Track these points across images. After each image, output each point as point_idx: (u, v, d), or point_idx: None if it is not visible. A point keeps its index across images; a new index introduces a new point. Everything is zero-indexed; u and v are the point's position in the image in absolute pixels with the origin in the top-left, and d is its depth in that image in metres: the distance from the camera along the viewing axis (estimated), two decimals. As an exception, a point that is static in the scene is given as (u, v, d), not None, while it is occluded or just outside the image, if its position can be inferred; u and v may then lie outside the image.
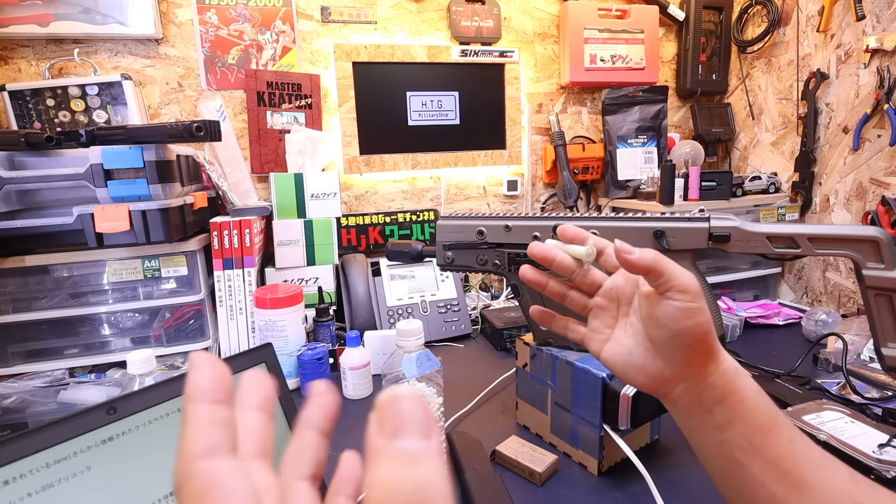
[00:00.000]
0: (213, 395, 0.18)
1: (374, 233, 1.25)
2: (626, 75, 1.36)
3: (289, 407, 0.44)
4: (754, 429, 0.33)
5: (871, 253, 0.51)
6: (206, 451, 0.17)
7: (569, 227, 0.41)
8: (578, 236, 0.41)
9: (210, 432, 0.17)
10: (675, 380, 0.35)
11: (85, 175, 0.77)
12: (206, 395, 0.18)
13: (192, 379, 0.18)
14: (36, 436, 0.31)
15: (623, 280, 0.39)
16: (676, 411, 0.37)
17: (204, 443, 0.17)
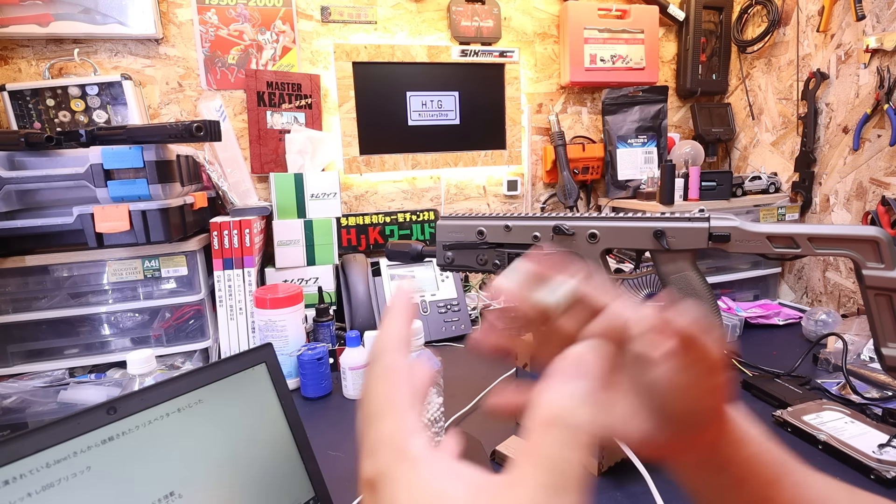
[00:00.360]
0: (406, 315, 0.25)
1: (374, 233, 1.25)
2: (626, 75, 1.36)
3: (289, 407, 0.44)
4: (763, 483, 0.30)
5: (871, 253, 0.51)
6: (398, 347, 0.23)
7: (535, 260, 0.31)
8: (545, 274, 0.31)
9: (403, 336, 0.24)
10: (682, 448, 0.30)
11: (85, 175, 0.77)
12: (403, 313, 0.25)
13: (395, 300, 0.25)
14: (36, 436, 0.31)
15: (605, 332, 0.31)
16: (681, 474, 0.32)
17: (397, 341, 0.23)
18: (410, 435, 0.20)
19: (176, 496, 0.35)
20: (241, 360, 0.43)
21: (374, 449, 0.20)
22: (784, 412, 0.68)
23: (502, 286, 0.31)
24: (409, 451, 0.19)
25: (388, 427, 0.20)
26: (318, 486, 0.44)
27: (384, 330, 0.24)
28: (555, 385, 0.19)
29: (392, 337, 0.24)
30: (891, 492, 0.54)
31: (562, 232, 0.65)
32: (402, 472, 0.19)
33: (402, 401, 0.21)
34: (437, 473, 0.19)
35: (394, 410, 0.21)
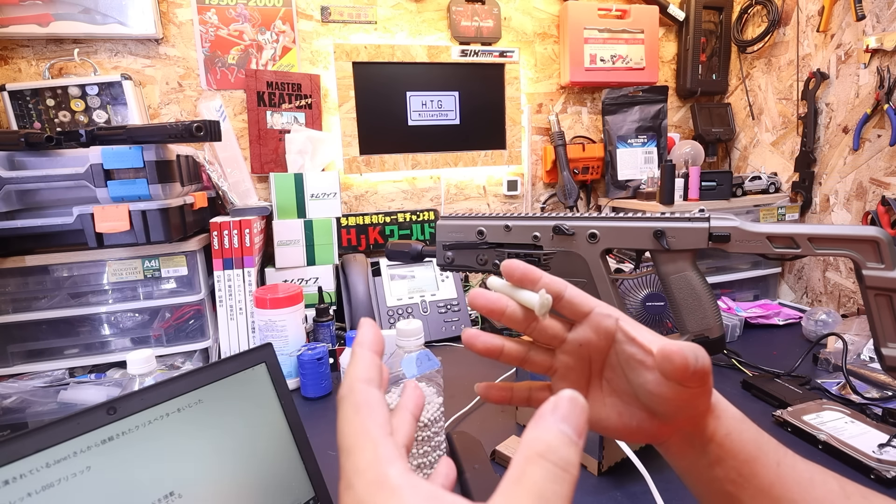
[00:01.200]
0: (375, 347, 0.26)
1: (374, 233, 1.25)
2: (626, 75, 1.36)
3: (289, 407, 0.44)
4: (743, 460, 0.31)
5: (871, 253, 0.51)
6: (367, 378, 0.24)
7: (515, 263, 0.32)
8: (527, 275, 0.32)
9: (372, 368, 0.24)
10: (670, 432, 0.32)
11: (85, 175, 0.77)
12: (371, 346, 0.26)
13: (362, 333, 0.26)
14: (36, 436, 0.31)
15: (594, 335, 0.32)
16: (668, 455, 0.34)
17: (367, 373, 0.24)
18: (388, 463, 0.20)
19: (176, 496, 0.35)
20: (241, 360, 0.43)
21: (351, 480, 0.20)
22: (784, 412, 0.68)
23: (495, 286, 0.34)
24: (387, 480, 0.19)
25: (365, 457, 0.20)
26: (318, 486, 0.44)
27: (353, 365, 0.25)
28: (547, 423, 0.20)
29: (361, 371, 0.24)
30: (891, 491, 0.53)
31: (562, 232, 0.65)
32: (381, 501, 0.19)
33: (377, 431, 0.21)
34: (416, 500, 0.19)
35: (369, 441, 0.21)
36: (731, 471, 0.31)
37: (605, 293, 0.65)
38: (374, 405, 0.23)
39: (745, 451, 0.31)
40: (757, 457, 0.31)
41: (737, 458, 0.31)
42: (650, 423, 0.32)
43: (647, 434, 0.33)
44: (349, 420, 0.22)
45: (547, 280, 0.32)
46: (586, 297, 0.33)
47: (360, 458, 0.20)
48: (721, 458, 0.31)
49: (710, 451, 0.32)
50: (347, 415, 0.22)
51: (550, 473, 0.19)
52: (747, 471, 0.31)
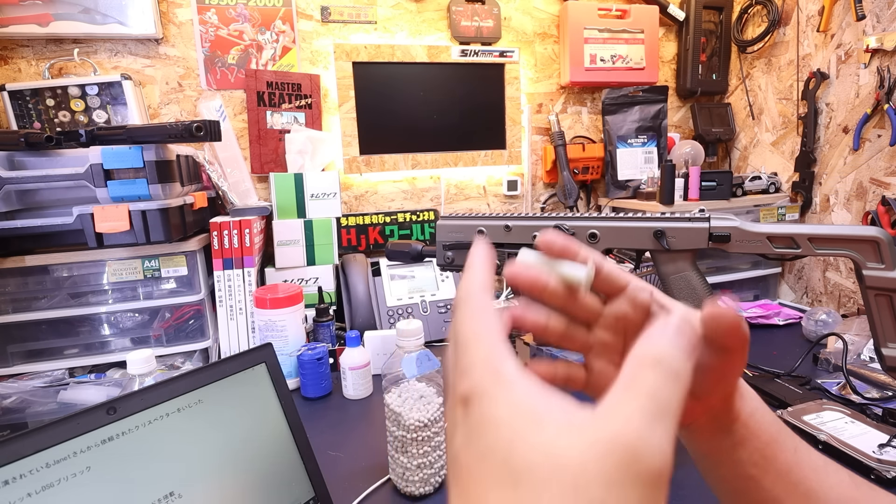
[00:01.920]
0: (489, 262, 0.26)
1: (374, 233, 1.25)
2: (626, 75, 1.36)
3: (289, 407, 0.44)
4: (765, 441, 0.31)
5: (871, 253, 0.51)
6: (484, 286, 0.24)
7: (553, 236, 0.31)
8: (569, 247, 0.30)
9: (488, 278, 0.25)
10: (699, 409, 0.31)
11: (85, 175, 0.77)
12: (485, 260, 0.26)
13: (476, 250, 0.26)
14: (36, 436, 0.31)
15: (630, 308, 0.31)
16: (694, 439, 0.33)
17: (484, 282, 0.24)
18: (504, 359, 0.20)
19: (176, 496, 0.35)
20: (241, 360, 0.43)
21: (468, 369, 0.20)
22: (784, 412, 0.68)
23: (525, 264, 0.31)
24: (503, 372, 0.20)
25: (482, 351, 0.21)
26: (318, 486, 0.44)
27: (469, 276, 0.25)
28: (660, 334, 0.21)
29: (477, 281, 0.25)
30: (891, 491, 0.53)
31: (562, 232, 0.65)
32: (497, 390, 0.19)
33: (494, 332, 0.22)
34: (531, 393, 0.19)
35: (486, 338, 0.21)
36: (754, 452, 0.31)
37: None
38: (491, 311, 0.23)
39: (767, 432, 0.31)
40: (777, 439, 0.32)
41: (760, 438, 0.31)
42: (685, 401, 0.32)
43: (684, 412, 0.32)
44: (466, 321, 0.22)
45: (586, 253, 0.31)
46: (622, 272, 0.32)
47: (477, 351, 0.21)
48: (745, 439, 0.31)
49: (736, 432, 0.31)
50: (465, 316, 0.23)
51: (664, 377, 0.19)
52: (769, 453, 0.31)
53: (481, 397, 0.19)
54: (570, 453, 0.17)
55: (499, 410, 0.18)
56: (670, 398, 0.19)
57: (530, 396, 0.19)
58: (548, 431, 0.18)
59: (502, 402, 0.19)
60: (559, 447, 0.17)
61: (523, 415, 0.18)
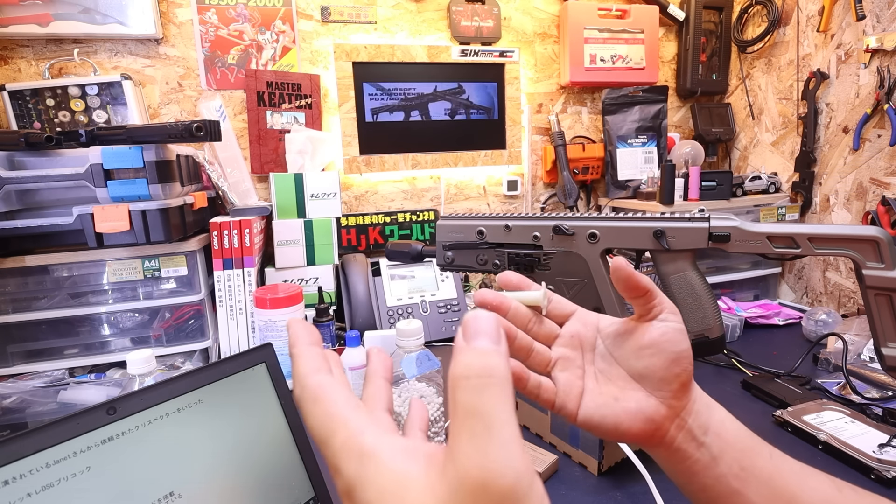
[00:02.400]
0: (310, 340, 0.26)
1: (374, 233, 1.25)
2: (626, 75, 1.36)
3: (289, 407, 0.44)
4: (740, 451, 0.32)
5: (871, 253, 0.51)
6: (314, 370, 0.23)
7: (509, 274, 0.38)
8: (522, 283, 0.37)
9: (315, 359, 0.24)
10: (670, 416, 0.33)
11: (85, 175, 0.77)
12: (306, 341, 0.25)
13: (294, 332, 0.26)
14: (36, 436, 0.31)
15: (581, 326, 0.37)
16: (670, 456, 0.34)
17: (312, 365, 0.24)
18: (361, 434, 0.21)
19: (176, 496, 0.35)
20: (240, 360, 0.43)
21: (336, 465, 0.21)
22: (784, 412, 0.68)
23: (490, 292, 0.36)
24: (364, 450, 0.20)
25: (339, 438, 0.21)
26: (318, 486, 0.44)
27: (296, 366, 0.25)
28: (458, 350, 0.21)
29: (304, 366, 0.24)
30: (891, 492, 0.53)
31: (562, 232, 0.65)
32: (365, 472, 0.20)
33: (342, 409, 0.22)
34: (393, 461, 0.20)
35: (338, 422, 0.21)
36: (733, 464, 0.32)
37: (605, 293, 0.65)
38: (329, 389, 0.23)
39: (741, 441, 0.32)
40: (752, 447, 0.32)
41: (735, 447, 0.32)
42: (647, 403, 0.33)
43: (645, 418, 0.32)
44: (313, 414, 0.22)
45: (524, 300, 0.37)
46: (567, 302, 0.38)
47: (335, 442, 0.21)
48: (723, 451, 0.32)
49: (712, 444, 0.32)
50: (309, 410, 0.22)
51: (472, 389, 0.19)
52: (748, 462, 0.31)
53: (354, 488, 0.20)
54: None
55: (368, 493, 0.19)
56: (487, 404, 0.18)
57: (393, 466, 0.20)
58: (412, 497, 0.19)
59: (369, 485, 0.19)
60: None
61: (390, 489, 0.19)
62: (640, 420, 0.32)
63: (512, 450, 0.18)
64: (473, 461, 0.18)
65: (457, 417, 0.19)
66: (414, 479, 0.19)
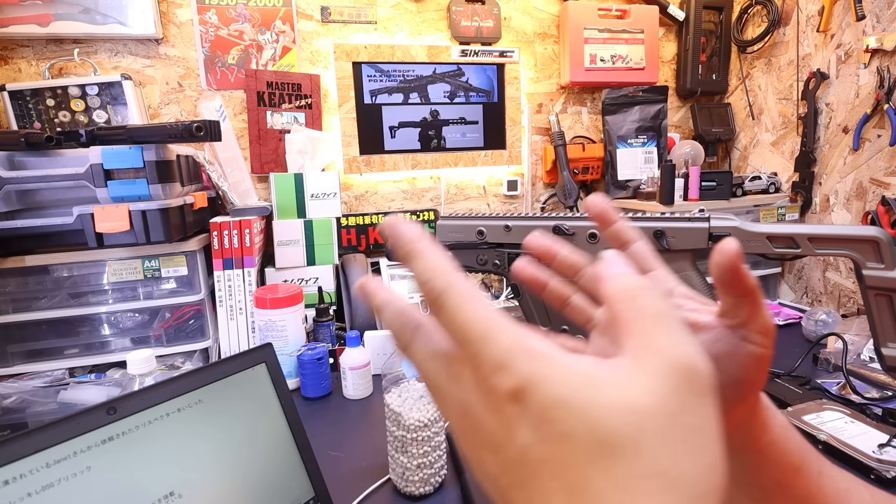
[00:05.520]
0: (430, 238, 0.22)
1: (374, 233, 1.25)
2: (626, 75, 1.36)
3: (289, 407, 0.44)
4: (784, 470, 0.29)
5: (871, 253, 0.51)
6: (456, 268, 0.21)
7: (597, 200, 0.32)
8: (606, 214, 0.32)
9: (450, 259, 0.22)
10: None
11: (85, 175, 0.77)
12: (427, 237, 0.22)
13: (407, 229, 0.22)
14: (36, 436, 0.31)
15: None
16: None
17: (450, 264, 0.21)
18: (530, 337, 0.19)
19: (176, 496, 0.35)
20: (241, 360, 0.43)
21: (504, 362, 0.19)
22: (784, 412, 0.67)
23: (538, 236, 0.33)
24: (541, 352, 0.19)
25: (506, 337, 0.19)
26: (318, 486, 0.44)
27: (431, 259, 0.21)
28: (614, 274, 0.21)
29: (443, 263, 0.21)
30: (891, 491, 0.53)
31: (562, 232, 0.65)
32: (546, 370, 0.18)
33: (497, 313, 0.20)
34: (574, 361, 0.18)
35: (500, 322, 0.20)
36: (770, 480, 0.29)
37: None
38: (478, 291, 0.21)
39: (789, 461, 0.29)
40: (800, 467, 0.30)
41: (778, 467, 0.29)
42: None
43: None
44: (467, 309, 0.20)
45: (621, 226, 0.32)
46: (652, 257, 0.32)
47: (502, 338, 0.19)
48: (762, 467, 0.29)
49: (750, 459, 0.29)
50: (461, 305, 0.20)
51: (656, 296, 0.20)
52: (788, 481, 0.29)
53: (535, 385, 0.18)
54: (643, 400, 0.17)
55: (559, 390, 0.17)
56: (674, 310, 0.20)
57: (576, 365, 0.18)
58: (612, 390, 0.17)
59: (557, 380, 0.18)
60: (631, 399, 0.17)
61: (583, 385, 0.17)
62: None
63: (700, 348, 0.19)
64: (680, 350, 0.18)
65: (645, 319, 0.19)
66: (604, 377, 0.18)
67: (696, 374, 0.18)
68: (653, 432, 0.16)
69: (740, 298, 0.26)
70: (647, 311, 0.19)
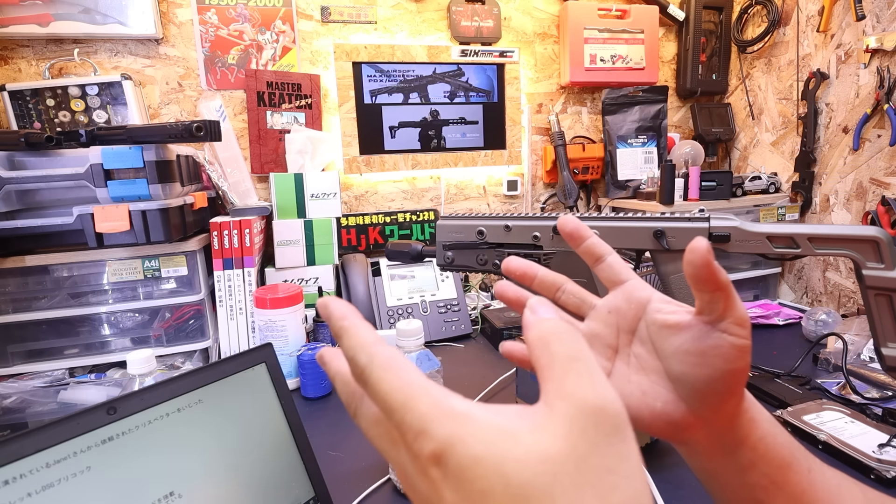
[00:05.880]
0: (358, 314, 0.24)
1: (374, 233, 1.25)
2: (626, 75, 1.36)
3: (289, 407, 0.44)
4: (776, 466, 0.30)
5: (871, 253, 0.51)
6: (378, 340, 0.23)
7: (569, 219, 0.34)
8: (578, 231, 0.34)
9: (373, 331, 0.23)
10: (697, 426, 0.30)
11: (85, 175, 0.77)
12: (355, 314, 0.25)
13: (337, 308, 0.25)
14: (36, 436, 0.31)
15: (624, 302, 0.33)
16: (692, 456, 0.32)
17: (373, 336, 0.23)
18: (447, 396, 0.20)
19: (176, 496, 0.35)
20: (241, 360, 0.43)
21: (423, 428, 0.19)
22: (784, 412, 0.68)
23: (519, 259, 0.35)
24: (457, 411, 0.19)
25: (425, 402, 0.20)
26: (318, 486, 0.44)
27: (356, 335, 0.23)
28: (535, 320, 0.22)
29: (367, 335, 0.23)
30: (891, 491, 0.53)
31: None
32: (462, 430, 0.19)
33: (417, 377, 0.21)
34: (489, 416, 0.19)
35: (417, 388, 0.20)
36: (763, 477, 0.30)
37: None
38: (401, 359, 0.22)
39: (779, 456, 0.30)
40: (790, 463, 0.30)
41: (770, 463, 0.30)
42: (674, 408, 0.30)
43: (669, 421, 0.30)
44: (387, 380, 0.21)
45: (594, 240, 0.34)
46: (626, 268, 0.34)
47: (419, 405, 0.20)
48: (754, 464, 0.30)
49: (742, 456, 0.30)
50: (382, 376, 0.21)
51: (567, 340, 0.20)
52: (780, 478, 0.30)
53: (452, 446, 0.18)
54: (555, 447, 0.18)
55: (474, 448, 0.18)
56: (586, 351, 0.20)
57: (492, 419, 0.19)
58: (525, 440, 0.18)
59: (472, 439, 0.18)
60: (543, 448, 0.18)
61: (498, 440, 0.18)
62: (662, 422, 0.30)
63: (611, 387, 0.19)
64: (588, 392, 0.19)
65: (556, 365, 0.20)
66: (516, 427, 0.18)
67: (605, 414, 0.18)
68: (564, 478, 0.17)
69: (715, 294, 0.27)
70: (558, 357, 0.20)
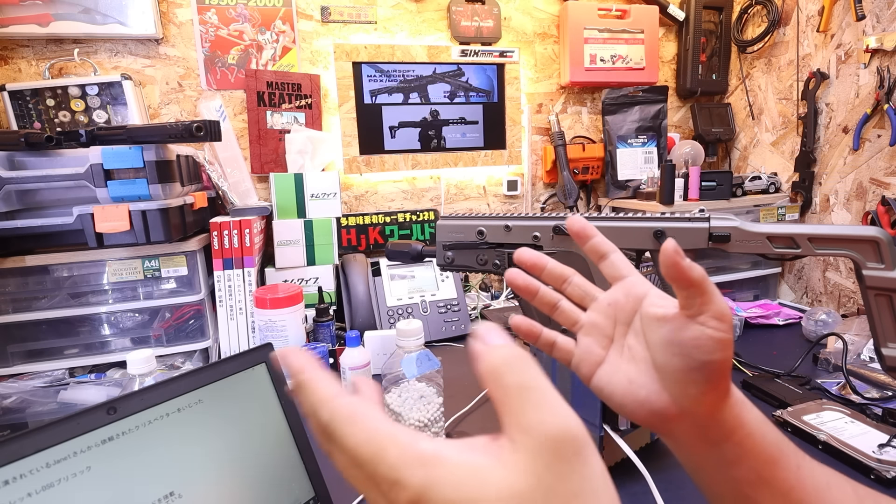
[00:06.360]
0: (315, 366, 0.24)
1: (374, 233, 1.25)
2: (626, 75, 1.36)
3: (289, 407, 0.44)
4: (763, 462, 0.30)
5: (871, 253, 0.51)
6: (336, 393, 0.22)
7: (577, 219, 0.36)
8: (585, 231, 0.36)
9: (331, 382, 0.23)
10: (680, 417, 0.31)
11: (85, 175, 0.77)
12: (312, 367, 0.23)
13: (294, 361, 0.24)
14: (36, 436, 0.31)
15: (623, 296, 0.35)
16: (677, 447, 0.33)
17: (331, 389, 0.22)
18: (416, 443, 0.20)
19: (176, 496, 0.35)
20: (240, 360, 0.43)
21: (396, 478, 0.19)
22: (784, 412, 0.68)
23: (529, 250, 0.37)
24: (425, 456, 0.19)
25: (392, 453, 0.20)
26: (318, 486, 0.44)
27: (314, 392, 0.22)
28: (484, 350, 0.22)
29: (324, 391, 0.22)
30: (891, 491, 0.53)
31: (562, 232, 0.65)
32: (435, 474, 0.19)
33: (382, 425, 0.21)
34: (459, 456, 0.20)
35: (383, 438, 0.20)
36: (750, 472, 0.30)
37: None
38: (362, 408, 0.21)
39: (766, 452, 0.31)
40: (778, 459, 0.31)
41: (757, 459, 0.31)
42: (658, 398, 0.31)
43: (652, 410, 0.31)
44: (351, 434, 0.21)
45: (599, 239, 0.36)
46: (628, 265, 0.36)
47: (388, 456, 0.20)
48: (740, 458, 0.31)
49: (728, 450, 0.31)
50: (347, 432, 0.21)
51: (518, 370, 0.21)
52: (767, 473, 0.30)
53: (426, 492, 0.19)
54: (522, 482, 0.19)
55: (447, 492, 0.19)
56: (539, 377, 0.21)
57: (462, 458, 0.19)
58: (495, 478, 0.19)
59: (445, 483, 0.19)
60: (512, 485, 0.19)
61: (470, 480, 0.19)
62: (645, 410, 0.32)
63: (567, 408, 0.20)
64: (548, 422, 0.19)
65: (511, 398, 0.20)
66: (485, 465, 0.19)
67: (564, 441, 0.19)
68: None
69: (689, 290, 0.29)
70: (511, 389, 0.20)
